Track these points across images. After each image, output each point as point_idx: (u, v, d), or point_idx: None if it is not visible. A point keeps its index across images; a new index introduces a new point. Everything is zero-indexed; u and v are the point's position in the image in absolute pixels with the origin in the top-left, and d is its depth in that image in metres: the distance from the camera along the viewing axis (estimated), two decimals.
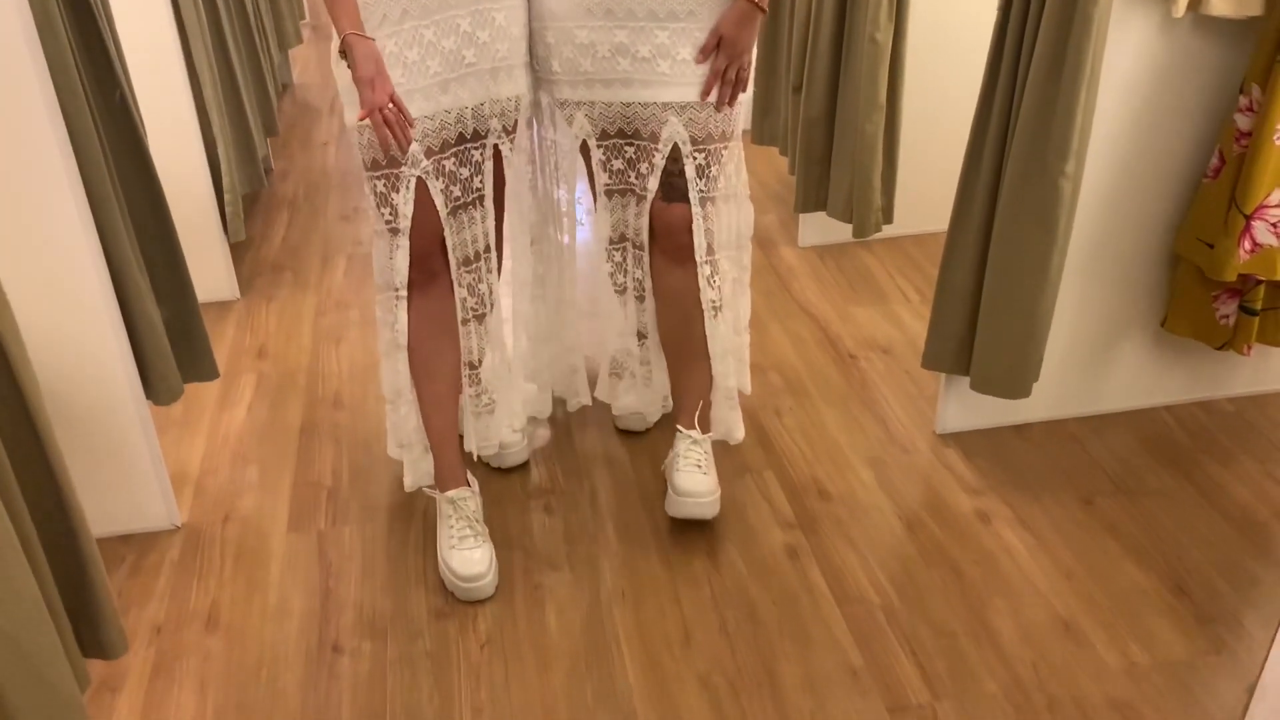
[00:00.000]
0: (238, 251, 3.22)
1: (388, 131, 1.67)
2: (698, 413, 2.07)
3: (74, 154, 1.84)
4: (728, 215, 1.98)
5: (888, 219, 2.85)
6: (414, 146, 1.80)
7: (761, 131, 3.31)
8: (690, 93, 1.86)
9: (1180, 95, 2.03)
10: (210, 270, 2.96)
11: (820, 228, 3.12)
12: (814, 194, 2.95)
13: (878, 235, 2.92)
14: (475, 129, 1.87)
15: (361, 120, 1.68)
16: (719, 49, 1.84)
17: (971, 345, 2.13)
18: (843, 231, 2.97)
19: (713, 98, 1.87)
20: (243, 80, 3.18)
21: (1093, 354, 2.30)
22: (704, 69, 1.85)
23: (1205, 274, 2.08)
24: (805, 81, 2.81)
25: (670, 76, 1.85)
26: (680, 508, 2.02)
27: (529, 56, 1.91)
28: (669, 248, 1.97)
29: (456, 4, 1.77)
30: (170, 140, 2.77)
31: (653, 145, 1.89)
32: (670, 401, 2.23)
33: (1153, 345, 2.32)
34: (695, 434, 2.06)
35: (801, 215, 3.10)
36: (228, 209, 2.91)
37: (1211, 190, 2.03)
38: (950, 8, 2.84)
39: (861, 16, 2.57)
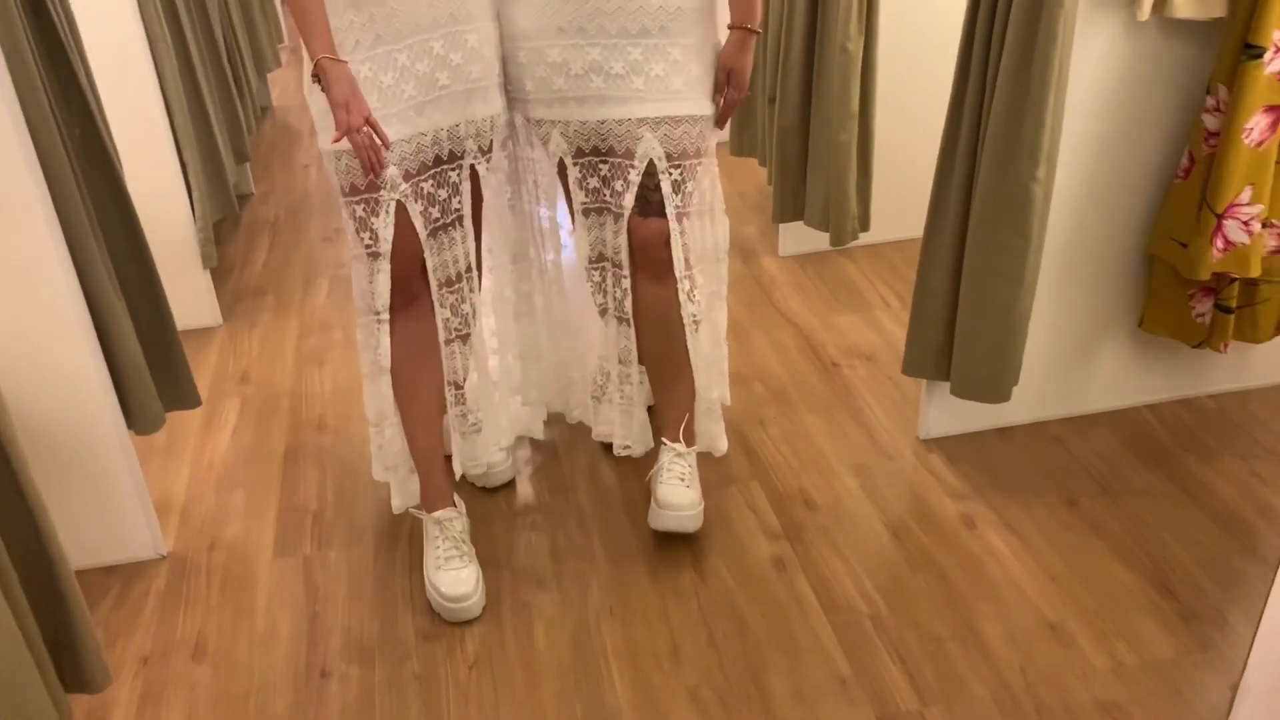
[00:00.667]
0: (219, 276, 3.22)
1: (367, 154, 1.67)
2: (682, 426, 2.07)
3: (47, 186, 1.84)
4: (704, 230, 1.98)
5: (864, 227, 2.87)
6: (391, 170, 1.80)
7: (740, 143, 3.33)
8: (664, 108, 1.87)
9: (1148, 97, 2.05)
10: (191, 297, 2.95)
11: (800, 237, 3.13)
12: (791, 204, 2.96)
13: (857, 242, 2.93)
14: (451, 150, 1.88)
15: (336, 142, 1.67)
16: (729, 81, 1.91)
17: (951, 351, 2.14)
18: (822, 240, 2.98)
19: (685, 110, 1.87)
20: (212, 107, 3.18)
21: (1072, 355, 2.31)
22: (679, 84, 1.86)
23: (1180, 273, 2.10)
24: (779, 93, 2.82)
25: (644, 93, 1.86)
26: (662, 520, 2.02)
27: (502, 77, 1.92)
28: (647, 262, 1.97)
29: (429, 27, 1.77)
30: (147, 168, 2.77)
31: (627, 162, 1.90)
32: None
33: (1131, 345, 2.33)
34: (679, 447, 2.06)
35: (781, 225, 3.11)
36: (198, 235, 2.91)
37: (1183, 190, 2.04)
38: (919, 16, 2.86)
39: (832, 27, 2.59)
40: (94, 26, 2.43)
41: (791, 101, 2.79)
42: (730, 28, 1.91)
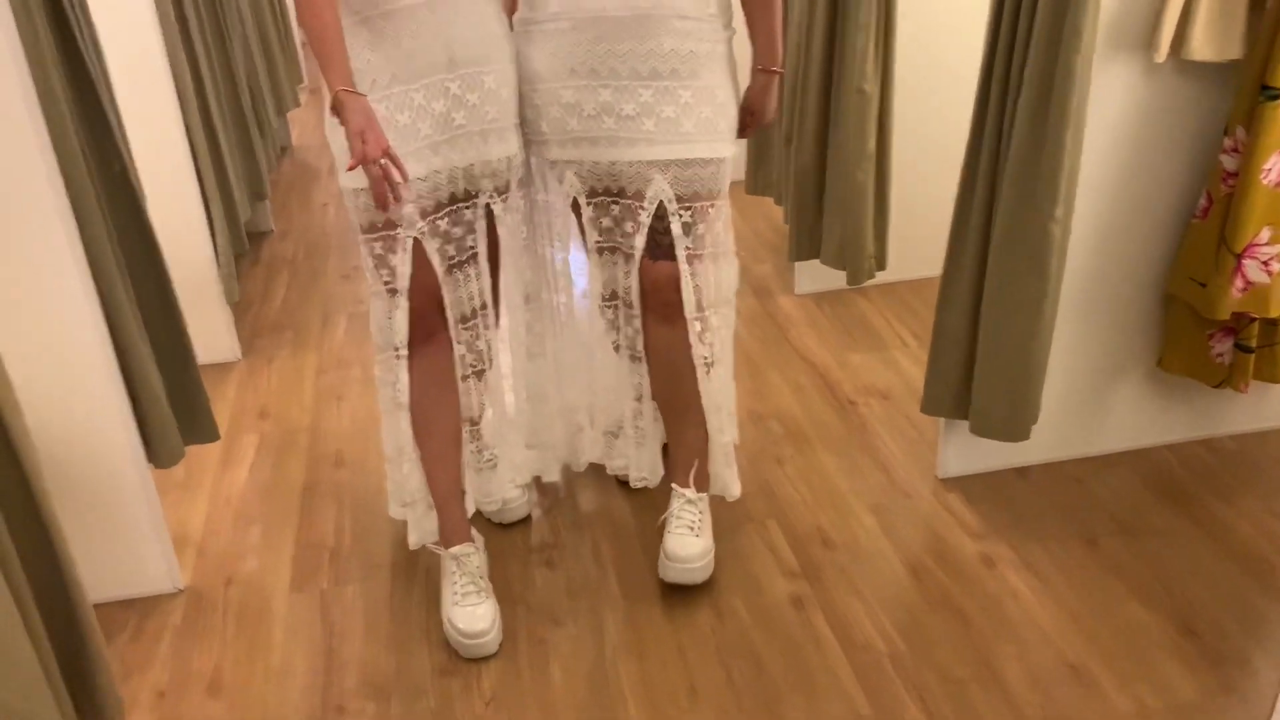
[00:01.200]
0: (239, 312, 3.24)
1: (383, 185, 1.69)
2: (692, 471, 2.07)
3: (75, 220, 1.86)
4: (715, 272, 1.98)
5: (881, 266, 2.87)
6: (409, 208, 1.82)
7: (755, 182, 3.35)
8: (675, 151, 1.87)
9: (1166, 138, 2.06)
10: (212, 331, 2.97)
11: (816, 275, 3.14)
12: (807, 242, 2.97)
13: (874, 281, 2.94)
14: (467, 189, 1.89)
15: (351, 170, 1.68)
16: (751, 121, 2.00)
17: (969, 389, 2.14)
18: (838, 278, 2.98)
19: (696, 153, 1.88)
20: (226, 144, 3.21)
21: (1091, 394, 2.31)
22: (689, 127, 1.87)
23: (1199, 313, 2.09)
24: (796, 133, 2.84)
25: (655, 134, 1.87)
26: (669, 573, 2.01)
27: (519, 118, 1.94)
28: (657, 305, 1.98)
29: (446, 68, 1.79)
30: (170, 203, 2.79)
31: (638, 203, 1.91)
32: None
33: (1150, 384, 2.32)
34: (689, 493, 2.05)
35: (796, 263, 3.12)
36: (221, 271, 2.94)
37: (1201, 230, 2.05)
38: (935, 56, 2.88)
39: (848, 69, 2.61)
40: (120, 63, 2.46)
41: (808, 142, 2.81)
42: (754, 70, 1.96)
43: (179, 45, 2.88)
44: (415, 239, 1.85)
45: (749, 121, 2.01)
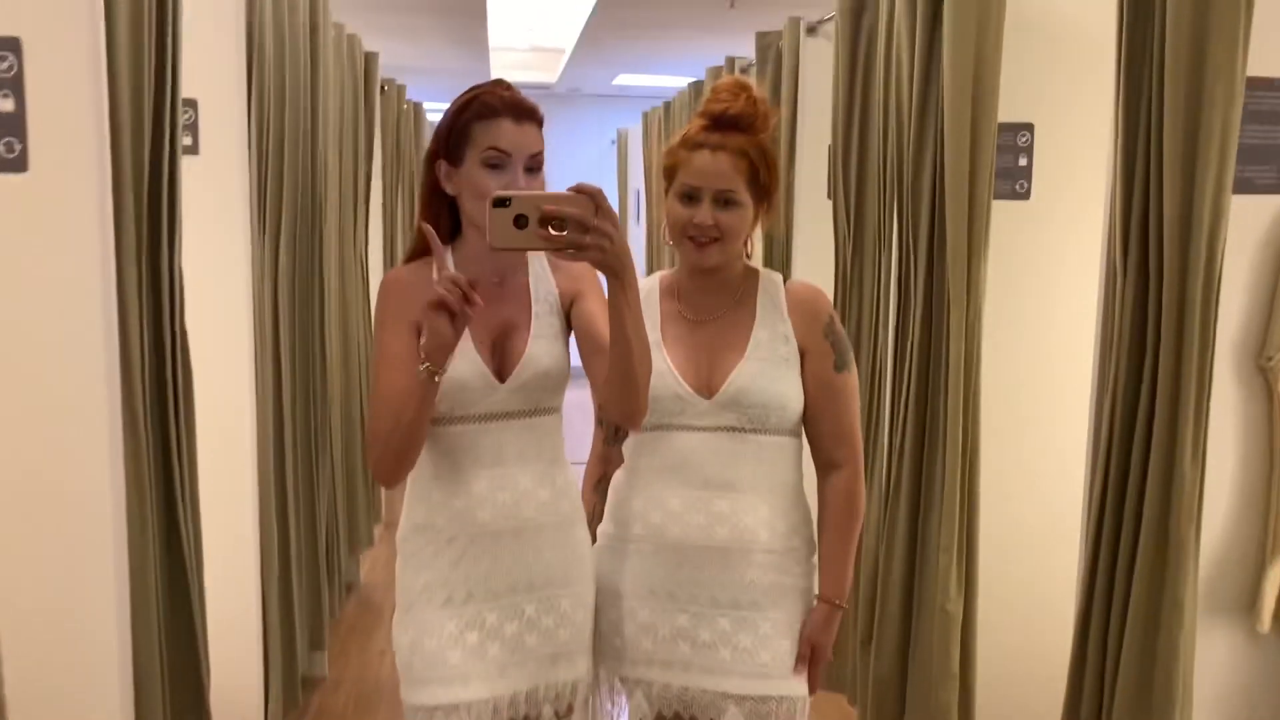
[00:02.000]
0: None
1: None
2: None
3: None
4: None
5: None
6: None
7: (829, 677, 3.22)
8: (750, 685, 1.81)
9: (1276, 705, 1.94)
10: None
11: None
12: None
13: None
14: (526, 714, 1.82)
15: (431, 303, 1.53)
16: (812, 657, 1.88)
17: None
18: None
19: (772, 690, 1.81)
20: (297, 597, 3.20)
21: None
22: (766, 659, 1.82)
23: None
24: (875, 640, 2.76)
25: (730, 664, 1.82)
26: None
27: (592, 637, 1.89)
28: None
29: (525, 590, 1.78)
30: (229, 656, 2.72)
31: None
32: None
33: None
34: None
35: None
36: None
37: None
38: (1024, 581, 2.82)
39: (930, 585, 2.57)
40: (211, 515, 2.46)
41: (888, 650, 2.72)
42: (819, 600, 1.90)
43: (271, 499, 2.96)
44: None
45: (812, 660, 1.90)
